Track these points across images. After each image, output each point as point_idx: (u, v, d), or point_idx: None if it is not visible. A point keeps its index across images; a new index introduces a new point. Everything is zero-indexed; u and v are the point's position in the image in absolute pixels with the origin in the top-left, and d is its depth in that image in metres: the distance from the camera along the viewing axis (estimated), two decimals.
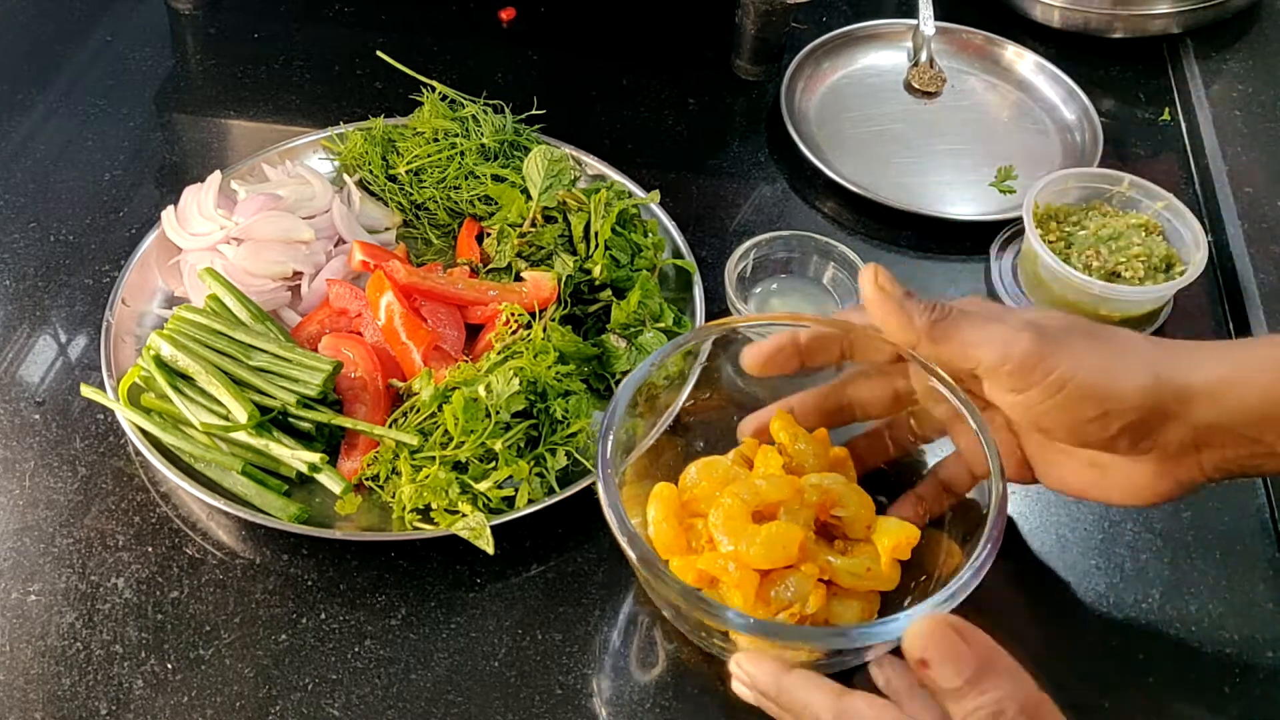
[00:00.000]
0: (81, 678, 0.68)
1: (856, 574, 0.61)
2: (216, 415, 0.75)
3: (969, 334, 0.58)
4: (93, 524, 0.75)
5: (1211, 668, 0.69)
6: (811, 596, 0.59)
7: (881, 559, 0.61)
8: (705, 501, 0.62)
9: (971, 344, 0.58)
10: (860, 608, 0.61)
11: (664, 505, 0.62)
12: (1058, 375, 0.56)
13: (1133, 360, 0.57)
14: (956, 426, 0.63)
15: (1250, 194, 0.97)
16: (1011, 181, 1.00)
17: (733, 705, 0.62)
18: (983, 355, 0.57)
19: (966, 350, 0.58)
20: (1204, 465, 0.60)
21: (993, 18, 1.15)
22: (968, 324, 0.58)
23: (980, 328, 0.58)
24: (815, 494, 0.62)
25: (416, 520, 0.72)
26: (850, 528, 0.63)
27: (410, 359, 0.80)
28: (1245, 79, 1.10)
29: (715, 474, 0.63)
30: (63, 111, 1.04)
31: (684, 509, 0.63)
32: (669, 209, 0.91)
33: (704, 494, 0.63)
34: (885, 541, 0.61)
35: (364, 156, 0.94)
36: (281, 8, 1.17)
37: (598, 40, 1.15)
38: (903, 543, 0.61)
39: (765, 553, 0.58)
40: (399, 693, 0.67)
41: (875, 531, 0.62)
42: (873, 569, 0.61)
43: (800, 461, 0.65)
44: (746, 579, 0.59)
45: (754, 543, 0.58)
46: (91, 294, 0.89)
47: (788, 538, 0.59)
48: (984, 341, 0.57)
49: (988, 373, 0.58)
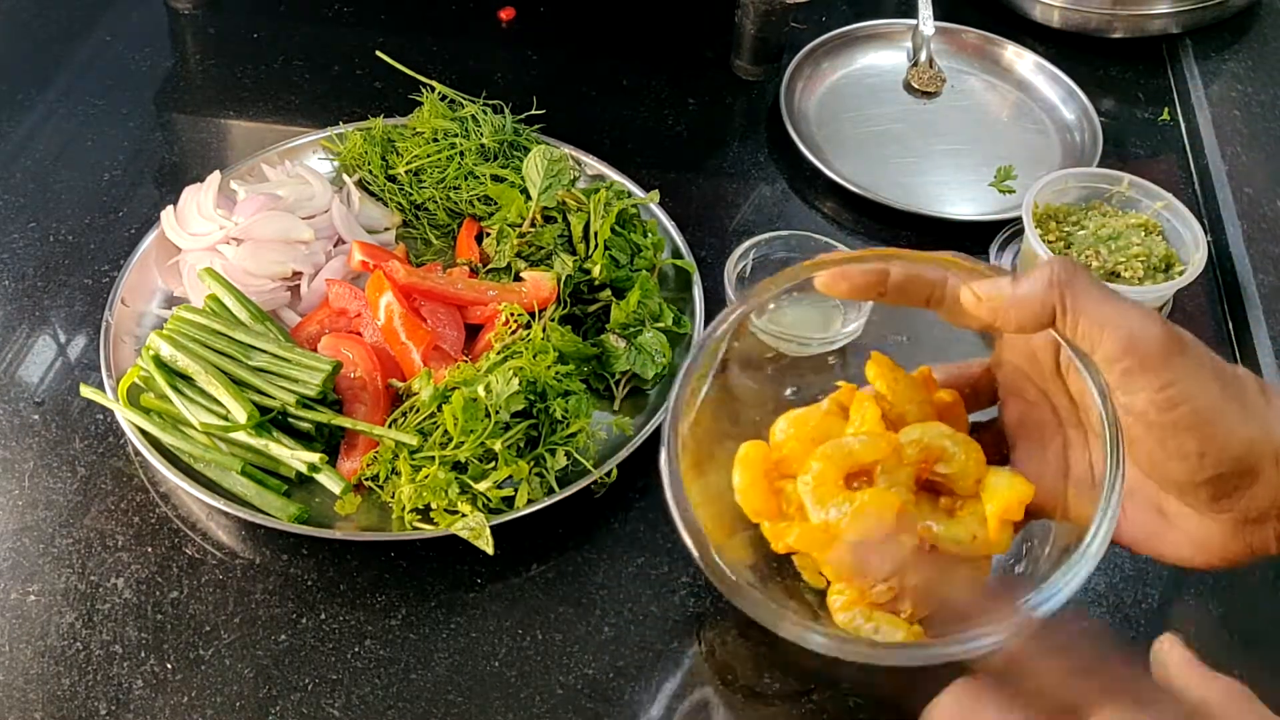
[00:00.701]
0: (81, 678, 0.68)
1: (960, 542, 0.54)
2: (216, 415, 0.75)
3: (1096, 308, 0.49)
4: (92, 524, 0.75)
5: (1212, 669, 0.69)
6: (911, 569, 0.54)
7: (990, 523, 0.54)
8: (796, 461, 0.56)
9: (1097, 321, 0.49)
10: (968, 577, 0.56)
11: (750, 470, 0.56)
12: (1175, 391, 0.48)
13: (1248, 405, 0.49)
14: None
15: (1250, 194, 0.97)
16: (1011, 181, 1.00)
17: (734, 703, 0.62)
18: (1106, 339, 0.49)
19: (1089, 327, 0.49)
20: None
21: (992, 18, 1.16)
22: (1097, 296, 0.49)
23: (1111, 303, 0.49)
24: (915, 451, 0.55)
25: (416, 520, 0.72)
26: (956, 484, 0.56)
27: (410, 359, 0.80)
28: (1245, 79, 1.10)
29: (806, 429, 0.56)
30: (62, 111, 1.04)
31: (774, 469, 0.56)
32: (668, 209, 0.91)
33: (794, 453, 0.56)
34: (994, 504, 0.54)
35: (363, 156, 0.94)
36: (281, 7, 1.17)
37: (597, 40, 1.15)
38: (1013, 504, 0.54)
39: (858, 523, 0.53)
40: (399, 693, 0.67)
41: (985, 490, 0.55)
42: (979, 535, 0.54)
43: (901, 409, 0.57)
44: (839, 554, 0.53)
45: (845, 513, 0.53)
46: (91, 294, 0.89)
47: (882, 507, 0.53)
48: (1112, 322, 0.48)
49: (1104, 360, 0.50)
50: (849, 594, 0.55)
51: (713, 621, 0.71)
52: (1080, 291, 0.49)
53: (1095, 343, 0.49)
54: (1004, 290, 0.51)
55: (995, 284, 0.51)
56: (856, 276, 0.54)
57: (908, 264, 0.54)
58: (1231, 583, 0.73)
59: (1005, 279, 0.51)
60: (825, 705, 0.67)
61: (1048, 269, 0.49)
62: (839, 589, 0.55)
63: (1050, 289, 0.49)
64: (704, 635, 0.71)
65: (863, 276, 0.54)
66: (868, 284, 0.54)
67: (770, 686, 0.69)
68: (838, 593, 0.55)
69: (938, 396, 0.58)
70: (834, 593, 0.55)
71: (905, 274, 0.54)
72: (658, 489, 0.77)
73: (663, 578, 0.73)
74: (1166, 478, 0.51)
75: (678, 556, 0.74)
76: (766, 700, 0.68)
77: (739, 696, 0.68)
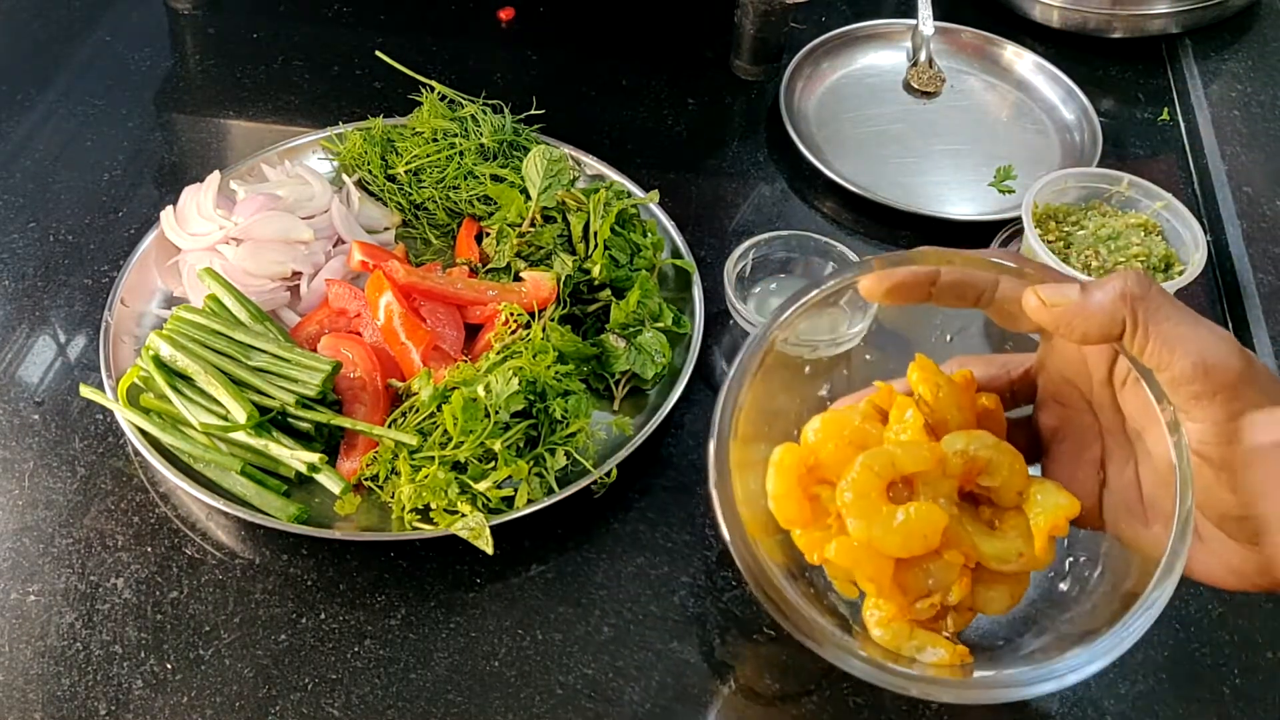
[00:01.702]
0: (81, 678, 0.68)
1: (1006, 560, 0.52)
2: (216, 415, 0.75)
3: (1169, 328, 0.47)
4: (92, 524, 0.75)
5: (1212, 668, 0.69)
6: (955, 586, 0.52)
7: (1036, 541, 0.52)
8: (833, 468, 0.53)
9: (1169, 341, 0.47)
10: (1009, 592, 0.54)
11: (786, 477, 0.53)
12: (1240, 425, 0.46)
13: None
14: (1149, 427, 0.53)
15: (1249, 193, 0.97)
16: (1010, 181, 1.00)
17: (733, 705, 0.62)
18: (1176, 361, 0.47)
19: (1159, 347, 0.47)
20: None
21: (992, 17, 1.16)
22: (1170, 314, 0.47)
23: (1185, 323, 0.47)
24: (959, 462, 0.53)
25: (416, 520, 0.72)
26: (999, 496, 0.54)
27: (409, 359, 0.80)
28: (1244, 79, 1.10)
29: (843, 433, 0.53)
30: (62, 111, 1.04)
31: (810, 475, 0.54)
32: (668, 209, 0.91)
33: (831, 459, 0.53)
34: (1041, 521, 0.52)
35: (363, 156, 0.94)
36: (280, 7, 1.17)
37: (597, 40, 1.15)
38: (1060, 521, 0.52)
39: (903, 541, 0.50)
40: (399, 692, 0.67)
41: (1028, 501, 0.53)
42: (1025, 554, 0.52)
43: (943, 415, 0.55)
44: (880, 569, 0.51)
45: (890, 528, 0.50)
46: (90, 294, 0.89)
47: (929, 524, 0.50)
48: (1184, 344, 0.47)
49: (1171, 382, 0.48)
50: (887, 609, 0.53)
51: (714, 622, 0.71)
52: (1153, 308, 0.47)
53: (1164, 363, 0.47)
54: (1070, 297, 0.49)
55: (1061, 290, 0.49)
56: (905, 278, 0.53)
57: (959, 266, 0.53)
58: None
59: (1072, 286, 0.49)
60: (825, 705, 0.67)
61: (1120, 280, 0.48)
62: (876, 603, 0.53)
63: (1121, 302, 0.47)
64: (704, 636, 0.71)
65: (912, 278, 0.52)
66: (918, 285, 0.53)
67: (770, 686, 0.69)
68: (875, 607, 0.53)
69: (979, 402, 0.56)
70: (870, 607, 0.53)
71: (956, 276, 0.53)
72: (658, 489, 0.78)
73: (662, 578, 0.73)
74: (1214, 505, 0.49)
75: (677, 557, 0.74)
76: (766, 700, 0.68)
77: (739, 696, 0.68)
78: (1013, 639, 0.55)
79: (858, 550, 0.51)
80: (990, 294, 0.53)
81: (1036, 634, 0.54)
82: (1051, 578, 0.56)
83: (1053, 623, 0.54)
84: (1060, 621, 0.54)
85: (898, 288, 0.53)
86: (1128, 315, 0.47)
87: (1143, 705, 0.68)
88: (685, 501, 0.77)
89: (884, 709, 0.67)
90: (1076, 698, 0.68)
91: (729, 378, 0.55)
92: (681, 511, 0.76)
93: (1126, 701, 0.68)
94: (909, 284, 0.52)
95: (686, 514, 0.76)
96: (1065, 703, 0.68)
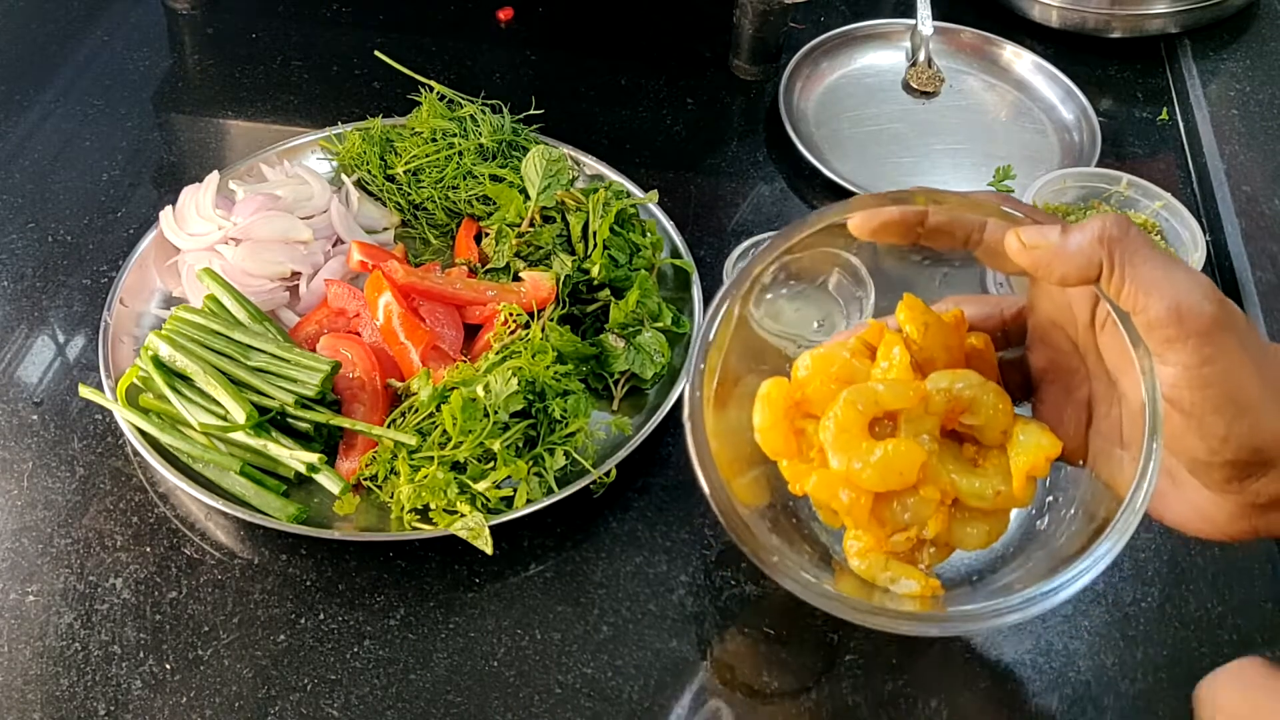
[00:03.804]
0: (80, 678, 0.67)
1: (984, 498, 0.53)
2: (215, 415, 0.75)
3: (1145, 271, 0.47)
4: (91, 524, 0.75)
5: (1211, 667, 0.69)
6: (931, 521, 0.52)
7: (1015, 479, 0.53)
8: (819, 402, 0.54)
9: (1144, 284, 0.47)
10: (988, 530, 0.54)
11: (773, 409, 0.54)
12: (1212, 370, 0.46)
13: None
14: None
15: (1248, 193, 0.97)
16: (1010, 181, 1.00)
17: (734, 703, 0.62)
18: (1151, 304, 0.47)
19: (1135, 290, 0.47)
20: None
21: (991, 17, 1.16)
22: (1147, 258, 0.47)
23: (1161, 267, 0.47)
24: (943, 400, 0.53)
25: (415, 520, 0.72)
26: (983, 434, 0.54)
27: (408, 359, 0.80)
28: (1243, 78, 1.10)
29: (831, 369, 0.54)
30: (60, 112, 1.04)
31: (796, 409, 0.54)
32: (667, 209, 0.91)
33: (817, 394, 0.54)
34: (1021, 460, 0.53)
35: (362, 156, 0.94)
36: (279, 7, 1.17)
37: (596, 40, 1.15)
38: (1041, 461, 0.53)
39: (880, 476, 0.51)
40: (398, 693, 0.67)
41: (1011, 441, 0.54)
42: (1003, 492, 0.53)
43: (930, 353, 0.55)
44: (859, 502, 0.52)
45: (867, 463, 0.51)
46: (89, 294, 0.89)
47: (906, 460, 0.51)
48: (1159, 288, 0.46)
49: (1145, 325, 0.48)
50: (866, 540, 0.53)
51: (712, 620, 0.71)
52: (1130, 251, 0.47)
53: (1139, 306, 0.47)
54: (1050, 240, 0.49)
55: (1042, 232, 0.49)
56: (894, 216, 0.52)
57: (949, 208, 0.52)
58: (1231, 581, 0.73)
59: (1053, 228, 0.49)
60: (824, 702, 0.67)
61: (1099, 223, 0.48)
62: (856, 534, 0.54)
63: (1099, 245, 0.47)
64: (703, 634, 0.71)
65: (901, 217, 0.52)
66: (906, 224, 0.52)
67: (770, 686, 0.69)
68: (855, 538, 0.54)
69: (968, 342, 0.56)
70: (850, 537, 0.54)
71: (944, 216, 0.52)
72: (657, 488, 0.78)
73: (661, 577, 0.73)
74: (1184, 450, 0.50)
75: (676, 555, 0.74)
76: (766, 700, 0.68)
77: (739, 696, 0.68)
78: (985, 575, 0.56)
79: (836, 483, 0.52)
80: (979, 235, 0.53)
81: (1011, 569, 0.55)
82: (1031, 515, 0.56)
83: (1027, 559, 0.55)
84: (1033, 557, 0.55)
85: (886, 226, 0.53)
86: (1105, 258, 0.47)
87: (1143, 705, 0.68)
88: (684, 500, 0.77)
89: (882, 705, 0.67)
90: (1076, 696, 0.68)
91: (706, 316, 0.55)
92: (680, 510, 0.76)
93: (1126, 701, 0.68)
94: (897, 223, 0.52)
95: (685, 513, 0.76)
96: (1065, 701, 0.68)
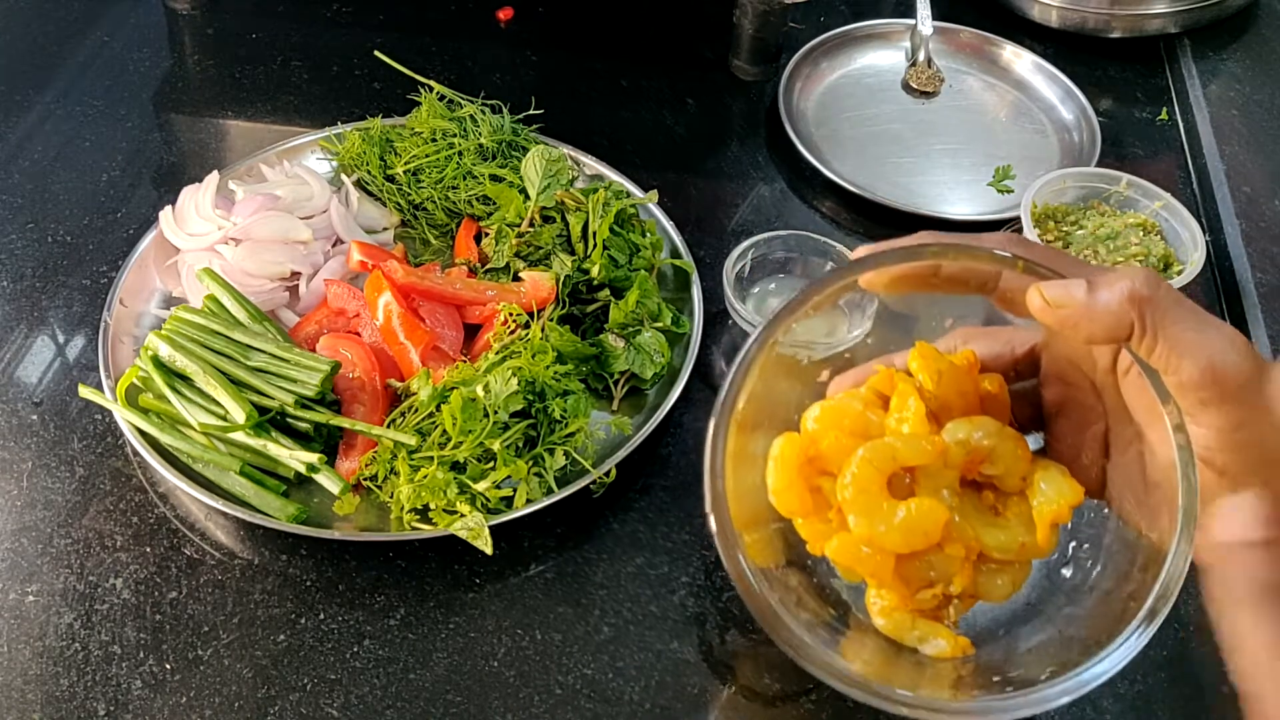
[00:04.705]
0: (80, 678, 0.67)
1: (1009, 550, 0.52)
2: (214, 415, 0.75)
3: (1177, 332, 0.45)
4: (91, 524, 0.75)
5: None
6: (957, 577, 0.52)
7: (1039, 529, 0.52)
8: (834, 459, 0.52)
9: (1178, 346, 0.45)
10: (1012, 580, 0.53)
11: (787, 469, 0.52)
12: (1245, 435, 0.45)
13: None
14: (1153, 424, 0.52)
15: (1248, 193, 0.97)
16: (1009, 181, 1.00)
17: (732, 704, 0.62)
18: (1184, 367, 0.45)
19: (1167, 351, 0.46)
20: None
21: (990, 17, 1.16)
22: (1179, 318, 0.45)
23: (1194, 327, 0.45)
24: (961, 452, 0.52)
25: (415, 520, 0.72)
26: (1002, 482, 0.53)
27: (408, 359, 0.80)
28: (1243, 78, 1.10)
29: (844, 422, 0.53)
30: (60, 112, 1.04)
31: (811, 465, 0.53)
32: (667, 209, 0.91)
33: (832, 450, 0.52)
34: (1045, 509, 0.52)
35: (362, 156, 0.94)
36: (279, 8, 1.17)
37: (596, 40, 1.15)
38: (1064, 509, 0.51)
39: (903, 537, 0.50)
40: (398, 693, 0.67)
41: (1031, 488, 0.52)
42: (1027, 543, 0.52)
43: (945, 401, 0.54)
44: (882, 564, 0.51)
45: (890, 524, 0.50)
46: (89, 294, 0.89)
47: (929, 520, 0.50)
48: (1193, 350, 0.45)
49: (1178, 386, 0.47)
50: (889, 599, 0.53)
51: (712, 621, 0.71)
52: (1162, 311, 0.45)
53: (1171, 367, 0.46)
54: (1077, 298, 0.47)
55: (1067, 289, 0.47)
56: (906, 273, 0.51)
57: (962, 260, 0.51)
58: None
59: (1078, 284, 0.47)
60: (824, 704, 0.67)
61: (1128, 280, 0.46)
62: (880, 592, 0.53)
63: (1128, 304, 0.45)
64: (703, 635, 0.71)
65: (914, 272, 0.51)
66: (920, 277, 0.51)
67: (770, 686, 0.69)
68: (878, 596, 0.53)
69: (982, 386, 0.55)
70: (873, 595, 0.53)
71: (958, 267, 0.51)
72: (657, 489, 0.78)
73: (662, 577, 0.73)
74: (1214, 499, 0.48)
75: (677, 556, 0.74)
76: (766, 700, 0.68)
77: (739, 696, 0.68)
78: (1013, 629, 0.55)
79: (858, 546, 0.51)
80: (994, 282, 0.51)
81: (1038, 625, 0.54)
82: (1054, 562, 0.55)
83: (1054, 613, 0.54)
84: (1061, 615, 0.54)
85: (900, 279, 0.52)
86: (1135, 318, 0.46)
87: (1142, 705, 0.68)
88: (684, 501, 0.77)
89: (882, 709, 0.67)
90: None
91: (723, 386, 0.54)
92: (681, 511, 0.76)
93: (1126, 701, 0.68)
94: (911, 276, 0.52)
95: (685, 513, 0.76)
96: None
